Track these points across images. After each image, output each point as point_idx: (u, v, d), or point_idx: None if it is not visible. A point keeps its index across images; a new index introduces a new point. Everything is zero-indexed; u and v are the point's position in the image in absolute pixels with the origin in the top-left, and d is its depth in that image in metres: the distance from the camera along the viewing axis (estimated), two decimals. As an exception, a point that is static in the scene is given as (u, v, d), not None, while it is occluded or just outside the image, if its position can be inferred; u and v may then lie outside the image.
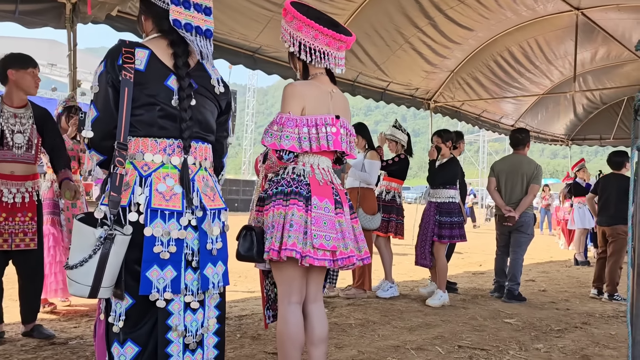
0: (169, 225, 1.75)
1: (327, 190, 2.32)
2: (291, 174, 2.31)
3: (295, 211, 2.22)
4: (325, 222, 2.25)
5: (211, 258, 1.83)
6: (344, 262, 2.27)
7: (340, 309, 4.60)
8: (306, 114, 2.31)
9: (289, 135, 2.25)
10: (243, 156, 32.84)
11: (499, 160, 5.86)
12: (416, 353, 3.39)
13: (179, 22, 1.80)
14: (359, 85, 6.77)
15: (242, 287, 5.61)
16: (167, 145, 1.80)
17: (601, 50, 8.01)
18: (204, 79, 1.91)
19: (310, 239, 2.19)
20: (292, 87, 2.35)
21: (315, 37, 2.31)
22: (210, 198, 1.88)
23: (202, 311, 1.83)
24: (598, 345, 3.77)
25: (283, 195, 2.27)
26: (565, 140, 11.91)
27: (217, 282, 1.86)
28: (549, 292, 6.05)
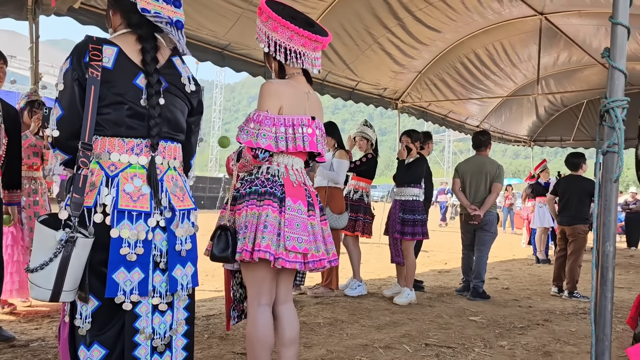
0: (137, 227, 1.71)
1: (301, 192, 2.31)
2: (265, 174, 2.28)
3: (269, 212, 2.19)
4: (298, 224, 2.23)
5: (180, 259, 1.81)
6: (315, 264, 2.26)
7: (309, 307, 4.60)
8: (283, 113, 2.29)
9: (266, 134, 2.22)
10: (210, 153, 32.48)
11: (462, 162, 6.01)
12: (384, 352, 3.42)
13: (147, 11, 1.76)
14: (328, 84, 6.78)
15: (209, 286, 5.54)
16: (134, 144, 1.76)
17: (563, 55, 8.24)
18: (174, 77, 1.87)
19: (283, 241, 2.17)
20: (270, 85, 2.32)
21: (290, 37, 2.29)
22: (180, 198, 1.84)
23: (171, 313, 1.81)
24: (559, 342, 3.88)
25: (257, 195, 2.24)
26: (527, 141, 12.23)
27: (186, 283, 1.83)
28: (512, 289, 6.19)
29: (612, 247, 1.65)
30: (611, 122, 1.63)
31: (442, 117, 9.20)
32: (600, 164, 1.67)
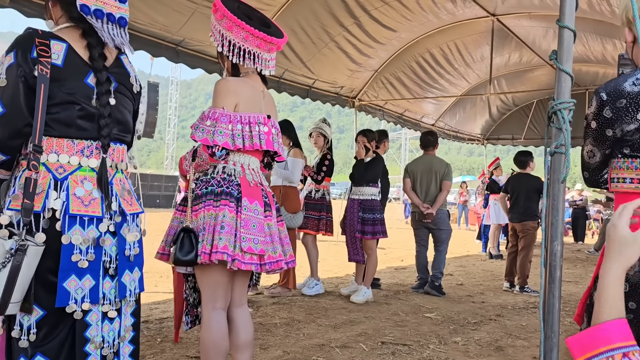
0: (88, 232, 1.64)
1: (257, 192, 2.26)
2: (221, 174, 2.23)
3: (226, 212, 2.14)
4: (254, 225, 2.19)
5: (129, 264, 1.75)
6: (272, 266, 2.23)
7: (265, 308, 4.55)
8: (239, 111, 2.24)
9: (222, 131, 2.16)
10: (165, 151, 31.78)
11: (411, 162, 6.13)
12: (341, 351, 3.42)
13: (87, 8, 1.66)
14: (285, 82, 6.72)
15: (163, 287, 5.41)
16: (84, 146, 1.68)
17: (514, 56, 8.47)
18: (123, 77, 1.80)
19: (239, 242, 2.12)
20: (226, 82, 2.26)
21: (245, 38, 2.24)
22: (128, 202, 1.79)
23: (119, 320, 1.75)
24: (511, 337, 3.98)
25: (214, 195, 2.18)
26: (480, 140, 12.52)
27: (134, 289, 1.78)
28: (466, 285, 6.33)
29: (559, 246, 1.69)
30: (558, 124, 1.66)
31: (398, 116, 9.30)
32: (549, 164, 1.70)
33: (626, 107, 1.72)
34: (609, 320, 1.04)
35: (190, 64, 5.59)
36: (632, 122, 1.71)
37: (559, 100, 1.67)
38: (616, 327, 1.02)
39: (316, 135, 5.53)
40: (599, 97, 1.78)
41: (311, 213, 5.33)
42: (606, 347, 1.00)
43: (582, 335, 1.06)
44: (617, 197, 1.83)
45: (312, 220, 5.29)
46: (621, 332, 1.02)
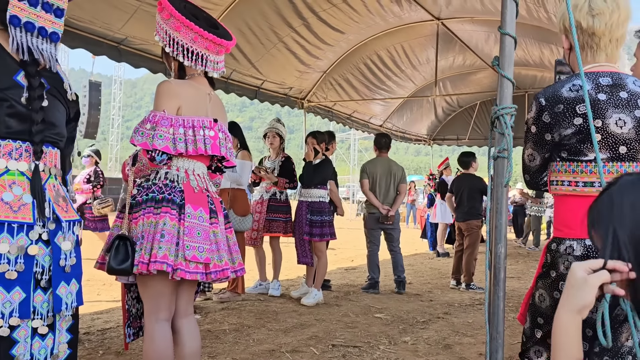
0: (17, 241, 1.53)
1: (202, 199, 2.18)
2: (163, 180, 2.14)
3: (167, 220, 2.05)
4: (199, 233, 2.11)
5: (64, 276, 1.64)
6: (218, 275, 2.15)
7: (214, 314, 4.46)
8: (182, 114, 2.15)
9: (162, 135, 2.07)
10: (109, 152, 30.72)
11: (369, 163, 6.14)
12: (291, 356, 3.39)
13: (17, 19, 1.57)
14: (232, 82, 6.62)
15: (106, 296, 5.21)
16: (12, 148, 1.58)
17: (458, 58, 8.70)
18: (56, 81, 1.71)
19: (183, 251, 2.04)
20: (167, 84, 2.18)
21: (194, 39, 2.17)
22: (64, 209, 1.68)
23: (52, 336, 1.63)
24: (458, 334, 4.07)
25: (154, 202, 2.09)
26: (427, 140, 12.80)
27: (71, 302, 1.67)
28: (415, 284, 6.44)
29: (503, 248, 1.73)
30: (501, 129, 1.70)
31: (347, 117, 9.36)
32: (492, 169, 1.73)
33: (563, 112, 1.78)
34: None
35: (134, 63, 5.42)
36: (569, 126, 1.77)
37: (501, 105, 1.70)
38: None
39: (272, 135, 5.47)
40: (538, 103, 1.83)
41: (279, 215, 5.29)
42: None
43: None
44: (555, 200, 1.89)
45: (280, 223, 5.26)
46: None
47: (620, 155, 1.76)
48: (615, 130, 1.75)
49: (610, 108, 1.76)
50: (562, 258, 1.80)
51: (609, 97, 1.77)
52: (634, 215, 0.91)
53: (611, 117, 1.75)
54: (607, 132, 1.75)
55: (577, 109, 1.76)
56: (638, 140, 1.76)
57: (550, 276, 1.84)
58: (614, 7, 1.81)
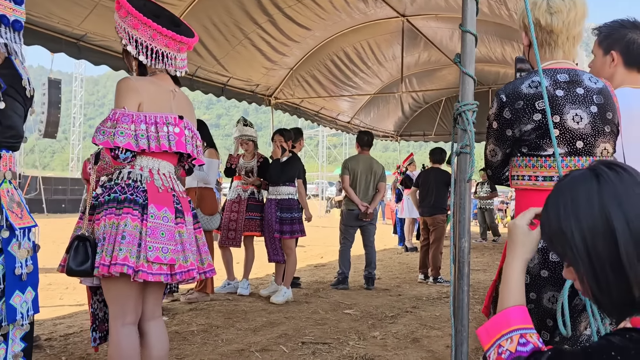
0: None
1: (167, 198, 2.13)
2: (126, 179, 2.08)
3: (128, 221, 2.00)
4: (163, 233, 2.06)
5: (20, 284, 1.59)
6: (183, 276, 2.11)
7: (182, 315, 4.40)
8: (143, 110, 2.10)
9: (123, 132, 2.02)
10: (71, 152, 29.89)
11: (350, 159, 6.16)
12: (261, 355, 3.37)
13: None
14: (198, 79, 6.52)
15: (69, 300, 5.07)
16: None
17: (423, 55, 8.79)
18: (13, 79, 1.64)
19: (145, 252, 2.00)
20: (127, 81, 2.12)
21: (153, 37, 2.12)
22: (18, 215, 1.62)
23: (5, 346, 1.57)
24: (426, 327, 4.12)
25: (116, 202, 2.04)
26: (394, 136, 12.91)
27: (26, 310, 1.61)
28: (383, 279, 6.49)
29: (467, 242, 1.75)
30: (463, 125, 1.72)
31: (314, 114, 9.35)
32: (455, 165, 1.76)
33: (523, 108, 1.81)
34: (510, 307, 1.11)
35: (94, 60, 5.28)
36: (529, 122, 1.81)
37: (463, 102, 1.72)
38: (516, 312, 1.10)
39: (245, 143, 5.40)
40: (499, 99, 1.86)
41: (257, 214, 5.24)
42: (507, 329, 1.07)
43: (488, 323, 1.13)
44: (517, 194, 1.93)
45: (257, 221, 5.23)
46: (520, 316, 1.10)
47: (578, 150, 1.81)
48: (572, 125, 1.79)
49: (568, 104, 1.80)
50: (524, 251, 1.84)
51: (566, 93, 1.81)
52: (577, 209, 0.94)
53: (568, 112, 1.79)
54: (564, 128, 1.79)
55: (536, 105, 1.79)
56: (594, 135, 1.81)
57: (513, 269, 1.88)
58: (571, 5, 1.85)
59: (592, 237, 0.90)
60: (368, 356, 3.35)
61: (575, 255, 0.93)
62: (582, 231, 0.91)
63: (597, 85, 1.86)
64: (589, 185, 0.93)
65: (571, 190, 0.95)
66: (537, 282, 1.83)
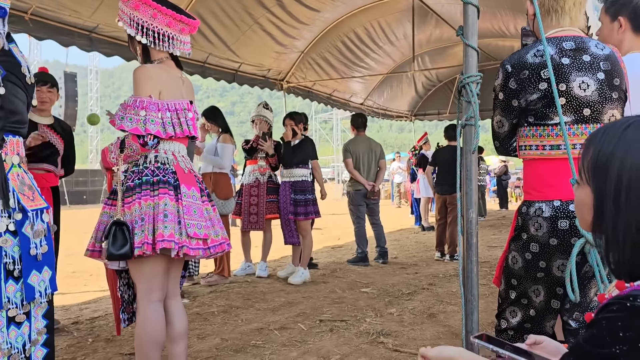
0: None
1: (192, 179, 2.25)
2: (154, 163, 2.17)
3: (167, 200, 2.09)
4: (195, 211, 2.17)
5: (36, 264, 1.65)
6: (216, 249, 2.22)
7: (202, 297, 4.50)
8: (163, 98, 2.18)
9: (153, 120, 2.10)
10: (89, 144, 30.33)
11: (350, 142, 6.30)
12: (279, 333, 3.45)
13: None
14: (209, 66, 6.56)
15: (94, 286, 5.21)
16: None
17: (435, 32, 8.69)
18: (12, 65, 1.67)
19: (185, 228, 2.09)
20: (145, 69, 2.18)
21: (153, 16, 2.17)
22: (30, 197, 1.67)
23: (28, 324, 1.65)
24: (442, 303, 4.16)
25: (149, 185, 2.12)
26: (408, 116, 12.85)
27: (44, 289, 1.68)
28: (400, 258, 6.53)
29: (474, 214, 1.77)
30: (468, 97, 1.73)
31: (327, 96, 9.34)
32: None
33: (529, 77, 1.81)
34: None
35: (106, 51, 5.34)
36: (535, 91, 1.81)
37: (467, 74, 1.73)
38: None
39: (259, 122, 5.45)
40: (504, 69, 1.87)
41: (275, 197, 5.33)
42: None
43: None
44: (525, 164, 1.94)
45: (276, 204, 5.31)
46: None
47: (585, 117, 1.81)
48: (579, 93, 1.79)
49: (574, 72, 1.80)
50: (532, 220, 1.85)
51: (573, 60, 1.81)
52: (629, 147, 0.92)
53: (575, 80, 1.79)
54: (571, 96, 1.79)
55: (542, 74, 1.79)
56: (601, 102, 1.81)
57: (522, 238, 1.90)
58: (577, -29, 1.84)
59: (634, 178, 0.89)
60: (385, 332, 3.41)
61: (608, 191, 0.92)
62: (624, 168, 0.90)
63: (604, 52, 1.85)
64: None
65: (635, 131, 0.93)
66: (547, 250, 1.85)
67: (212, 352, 3.09)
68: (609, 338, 0.85)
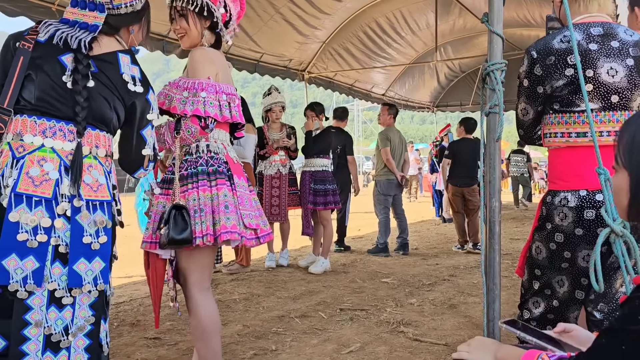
0: (35, 213, 1.60)
1: (240, 168, 2.23)
2: (207, 152, 2.13)
3: (226, 191, 2.08)
4: (247, 201, 2.16)
5: (86, 252, 1.67)
6: (265, 239, 2.22)
7: (224, 285, 4.56)
8: (219, 81, 2.14)
9: (212, 102, 2.06)
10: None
11: (388, 131, 6.30)
12: (300, 320, 3.48)
13: (66, 20, 1.77)
14: (231, 56, 6.58)
15: (118, 272, 5.31)
16: (47, 127, 1.66)
17: (459, 22, 8.58)
18: (109, 68, 1.76)
19: (241, 219, 2.09)
20: (205, 51, 2.16)
21: (233, 1, 2.22)
22: (93, 189, 1.71)
23: (71, 309, 1.66)
24: (463, 294, 4.14)
25: (206, 175, 2.09)
26: (430, 107, 12.72)
27: (93, 279, 1.69)
28: (421, 249, 6.51)
29: (497, 202, 1.76)
30: (492, 85, 1.71)
31: (348, 87, 9.31)
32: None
33: (555, 64, 1.79)
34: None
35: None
36: (561, 78, 1.78)
37: (491, 61, 1.71)
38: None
39: (279, 110, 5.31)
40: (529, 56, 1.84)
41: (296, 189, 5.31)
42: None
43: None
44: (550, 153, 1.92)
45: (297, 195, 5.29)
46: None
47: (613, 104, 1.78)
48: (607, 79, 1.76)
49: (602, 57, 1.76)
50: (557, 210, 1.83)
51: (600, 46, 1.77)
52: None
53: (602, 66, 1.76)
54: (598, 82, 1.76)
55: (569, 59, 1.77)
56: (630, 89, 1.77)
57: (546, 228, 1.88)
58: (606, -44, 1.80)
59: None
60: (405, 321, 3.41)
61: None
62: None
63: (633, 38, 1.81)
64: None
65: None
66: (572, 240, 1.83)
67: (234, 338, 3.13)
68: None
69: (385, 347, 2.94)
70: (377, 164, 6.33)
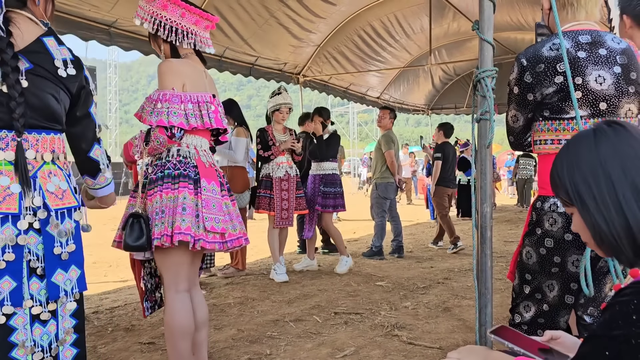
0: (4, 231, 1.53)
1: (212, 173, 2.28)
2: (176, 157, 2.21)
3: (186, 194, 2.14)
4: (214, 205, 2.21)
5: (61, 263, 1.64)
6: (233, 243, 2.26)
7: (219, 289, 4.56)
8: (187, 91, 2.22)
9: (176, 112, 2.15)
10: (108, 137, 30.70)
11: (391, 133, 6.31)
12: (295, 324, 3.49)
13: None
14: (226, 60, 6.61)
15: (113, 277, 5.31)
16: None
17: (453, 26, 8.62)
18: (42, 59, 1.63)
19: (202, 222, 2.14)
20: (169, 63, 2.24)
21: (182, 15, 2.23)
22: (58, 196, 1.67)
23: (55, 322, 1.65)
24: (457, 297, 4.16)
25: (171, 178, 2.17)
26: (425, 110, 12.77)
27: (71, 288, 1.68)
28: (415, 252, 6.53)
29: (489, 207, 1.78)
30: (483, 91, 1.73)
31: (343, 90, 9.34)
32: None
33: (544, 71, 1.81)
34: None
35: (125, 46, 5.40)
36: (551, 85, 1.81)
37: (482, 69, 1.74)
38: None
39: (286, 111, 5.09)
40: (519, 63, 1.87)
41: (302, 192, 5.15)
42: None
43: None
44: (540, 159, 1.94)
45: (303, 199, 5.13)
46: None
47: (601, 111, 1.80)
48: (595, 87, 1.79)
49: (590, 65, 1.79)
50: (547, 215, 1.86)
51: (589, 54, 1.80)
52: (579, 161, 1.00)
53: (591, 74, 1.78)
54: (587, 89, 1.79)
55: (558, 67, 1.79)
56: (617, 96, 1.80)
57: (536, 233, 1.90)
58: (594, -36, 1.83)
59: (595, 183, 0.95)
60: (399, 325, 3.43)
61: (585, 201, 0.97)
62: (586, 179, 0.96)
63: (621, 46, 1.84)
64: (588, 140, 0.99)
65: (575, 145, 1.01)
66: (561, 245, 1.85)
67: (229, 342, 3.14)
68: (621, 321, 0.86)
69: (379, 351, 2.96)
70: (376, 166, 6.29)
